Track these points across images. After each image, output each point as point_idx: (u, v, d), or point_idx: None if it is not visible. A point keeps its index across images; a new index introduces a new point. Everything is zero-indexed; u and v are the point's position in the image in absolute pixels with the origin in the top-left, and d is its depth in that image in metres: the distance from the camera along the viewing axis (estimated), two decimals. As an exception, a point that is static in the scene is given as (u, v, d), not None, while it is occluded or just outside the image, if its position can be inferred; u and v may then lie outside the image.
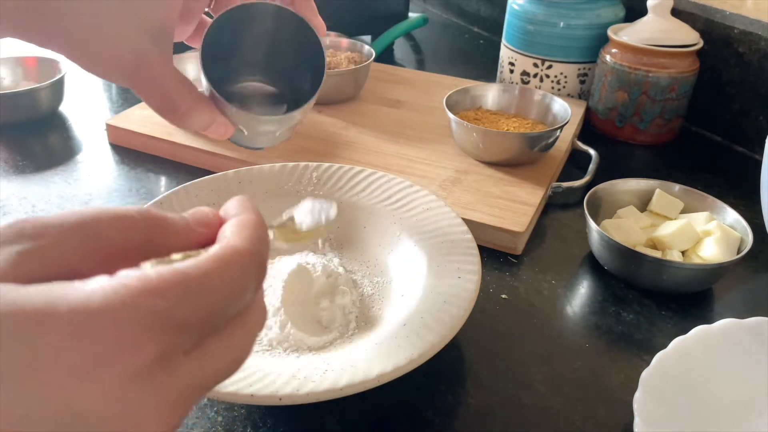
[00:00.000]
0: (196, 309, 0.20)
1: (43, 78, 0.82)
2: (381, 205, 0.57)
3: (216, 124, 0.39)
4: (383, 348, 0.42)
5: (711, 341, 0.45)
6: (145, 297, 0.18)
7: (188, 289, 0.19)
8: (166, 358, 0.19)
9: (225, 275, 0.21)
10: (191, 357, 0.20)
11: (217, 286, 0.20)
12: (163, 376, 0.19)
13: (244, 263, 0.21)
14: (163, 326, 0.19)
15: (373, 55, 0.85)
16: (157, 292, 0.19)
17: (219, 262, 0.21)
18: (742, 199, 0.68)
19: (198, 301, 0.20)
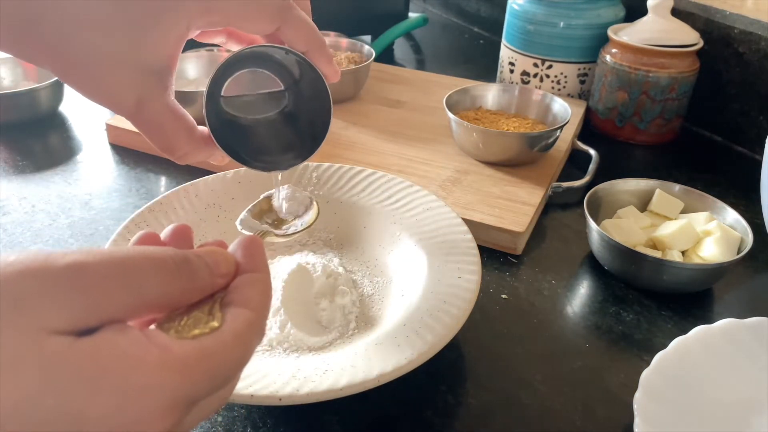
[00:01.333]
0: (212, 386, 0.23)
1: (43, 78, 0.82)
2: (381, 205, 0.57)
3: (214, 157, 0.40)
4: (383, 348, 0.42)
5: (711, 341, 0.45)
6: (179, 378, 0.21)
7: (209, 370, 0.22)
8: (176, 425, 0.22)
9: (239, 349, 0.24)
10: (190, 414, 0.23)
11: (232, 362, 0.23)
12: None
13: (254, 333, 0.24)
14: (187, 403, 0.22)
15: (373, 55, 0.85)
16: (188, 373, 0.21)
17: (236, 338, 0.23)
18: (742, 199, 0.68)
19: (215, 379, 0.23)
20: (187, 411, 0.22)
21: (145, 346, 0.21)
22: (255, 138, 0.42)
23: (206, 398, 0.23)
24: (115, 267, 0.22)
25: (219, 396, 0.24)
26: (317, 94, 0.40)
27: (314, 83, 0.39)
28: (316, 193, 0.59)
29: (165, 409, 0.21)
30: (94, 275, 0.21)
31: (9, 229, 0.61)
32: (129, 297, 0.22)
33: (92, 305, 0.21)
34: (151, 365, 0.21)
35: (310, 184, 0.59)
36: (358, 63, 0.84)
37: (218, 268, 0.26)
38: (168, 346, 0.21)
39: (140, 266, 0.22)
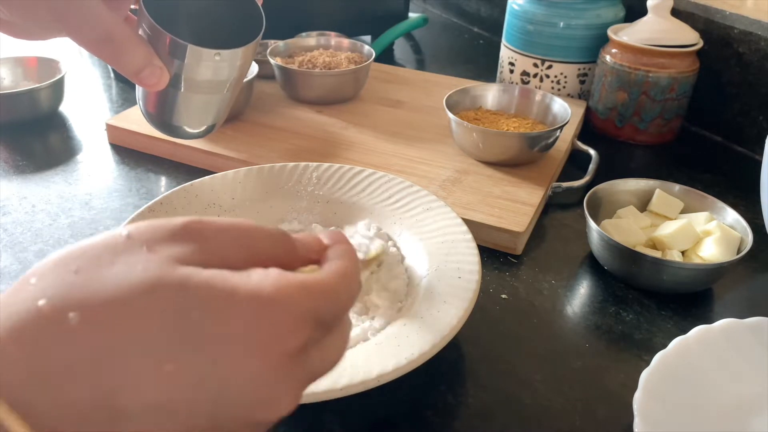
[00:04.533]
0: (330, 310, 0.24)
1: (43, 78, 0.82)
2: (381, 205, 0.57)
3: (151, 67, 0.38)
4: (383, 348, 0.42)
5: (711, 341, 0.45)
6: (301, 293, 0.23)
7: (325, 293, 0.24)
8: (306, 346, 0.23)
9: (346, 286, 0.26)
10: (315, 349, 0.24)
11: (342, 294, 0.25)
12: (302, 361, 0.23)
13: (353, 279, 0.27)
14: (311, 319, 0.23)
15: (373, 55, 0.85)
16: (308, 291, 0.23)
17: (342, 276, 0.26)
18: (742, 199, 0.68)
19: (331, 304, 0.25)
20: (315, 331, 0.24)
21: (265, 272, 0.23)
22: (189, 32, 0.43)
23: (327, 335, 0.25)
24: (230, 225, 0.25)
25: (337, 342, 0.26)
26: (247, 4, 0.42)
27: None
28: (316, 193, 0.59)
29: (295, 321, 0.22)
30: (210, 228, 0.24)
31: (9, 229, 0.61)
32: (242, 250, 0.24)
33: (210, 250, 0.23)
34: (274, 283, 0.23)
35: (310, 184, 0.59)
36: (358, 63, 0.84)
37: (313, 245, 0.28)
38: (285, 274, 0.23)
39: (251, 229, 0.25)
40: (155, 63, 0.39)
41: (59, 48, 0.94)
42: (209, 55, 0.40)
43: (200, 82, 0.41)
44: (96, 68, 1.00)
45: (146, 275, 0.21)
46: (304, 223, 0.58)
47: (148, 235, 0.23)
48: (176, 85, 0.41)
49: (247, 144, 0.72)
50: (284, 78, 0.82)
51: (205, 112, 0.44)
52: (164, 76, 0.39)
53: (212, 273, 0.22)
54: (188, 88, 0.41)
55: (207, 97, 0.43)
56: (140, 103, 0.45)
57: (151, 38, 0.39)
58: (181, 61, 0.39)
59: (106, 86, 0.94)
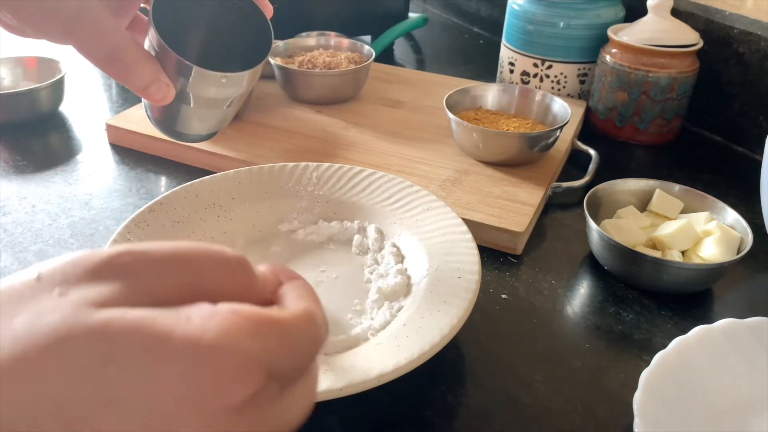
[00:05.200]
0: (289, 359, 0.21)
1: (43, 78, 0.82)
2: (381, 205, 0.57)
3: (158, 83, 0.38)
4: (383, 348, 0.42)
5: (711, 341, 0.45)
6: (252, 336, 0.19)
7: (284, 337, 0.20)
8: (258, 399, 0.20)
9: (310, 331, 0.22)
10: (275, 403, 0.21)
11: (305, 341, 0.22)
12: (255, 416, 0.20)
13: (319, 322, 0.23)
14: (262, 368, 0.19)
15: (373, 55, 0.85)
16: (262, 333, 0.20)
17: (305, 318, 0.22)
18: (742, 199, 0.68)
19: (290, 352, 0.21)
20: (269, 382, 0.20)
21: (212, 310, 0.20)
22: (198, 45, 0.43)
23: (289, 382, 0.22)
24: (169, 254, 0.21)
25: (303, 389, 0.23)
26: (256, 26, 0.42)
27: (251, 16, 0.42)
28: (316, 193, 0.59)
29: (240, 370, 0.19)
30: (142, 260, 0.20)
31: (9, 229, 0.61)
32: (183, 285, 0.21)
33: (141, 287, 0.20)
34: (220, 325, 0.19)
35: (310, 184, 0.59)
36: (358, 63, 0.84)
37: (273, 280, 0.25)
38: (237, 310, 0.20)
39: (198, 256, 0.21)
40: (162, 80, 0.39)
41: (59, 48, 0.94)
42: (215, 78, 0.40)
43: (205, 99, 0.42)
44: (96, 68, 0.99)
45: (56, 326, 0.18)
46: (304, 222, 0.58)
47: (62, 275, 0.19)
48: (181, 98, 0.41)
49: (247, 144, 0.72)
50: (284, 78, 0.82)
51: (208, 122, 0.45)
52: (170, 92, 0.40)
53: (140, 315, 0.18)
54: (192, 102, 0.42)
55: (211, 111, 0.43)
56: (145, 107, 0.45)
57: (158, 54, 0.39)
58: (186, 80, 0.40)
59: (106, 86, 0.94)
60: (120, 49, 0.36)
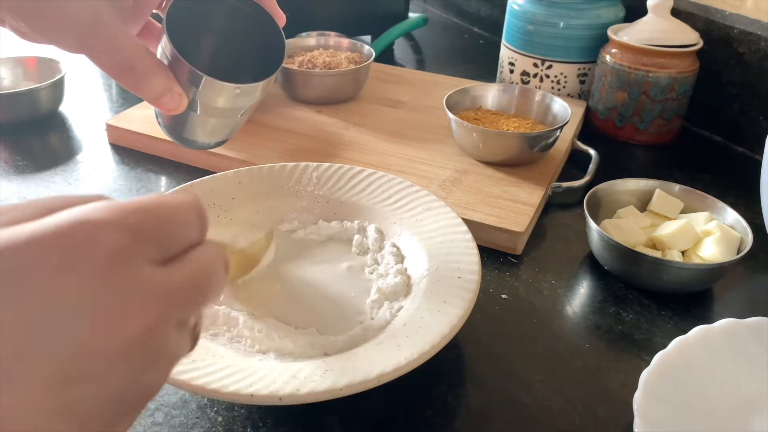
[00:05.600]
0: (148, 223, 0.22)
1: (43, 78, 0.82)
2: (381, 205, 0.57)
3: (171, 93, 0.39)
4: (383, 348, 0.42)
5: (711, 341, 0.45)
6: (100, 210, 0.21)
7: (137, 208, 0.22)
8: (127, 255, 0.20)
9: (167, 206, 0.23)
10: (157, 268, 0.21)
11: (163, 211, 0.23)
12: (128, 271, 0.20)
13: (182, 203, 0.24)
14: (117, 227, 0.20)
15: (373, 55, 0.85)
16: (108, 208, 0.21)
17: (159, 198, 0.23)
18: (742, 199, 0.68)
19: (148, 217, 0.22)
20: (139, 244, 0.21)
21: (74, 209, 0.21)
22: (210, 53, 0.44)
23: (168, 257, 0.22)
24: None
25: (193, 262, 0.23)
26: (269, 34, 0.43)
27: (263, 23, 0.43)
28: (316, 193, 0.59)
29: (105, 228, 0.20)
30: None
31: (9, 229, 0.61)
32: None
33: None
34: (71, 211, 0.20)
35: (310, 184, 0.59)
36: (358, 63, 0.84)
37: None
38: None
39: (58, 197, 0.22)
40: (175, 89, 0.39)
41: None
42: (229, 89, 0.40)
43: (218, 108, 0.42)
44: (96, 68, 0.99)
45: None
46: (305, 222, 0.58)
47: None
48: (193, 107, 0.41)
49: (247, 144, 0.72)
50: (284, 78, 0.82)
51: (219, 131, 0.45)
52: (183, 102, 0.40)
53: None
54: (205, 111, 0.41)
55: (222, 120, 0.43)
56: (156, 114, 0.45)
57: (171, 63, 0.39)
58: (199, 90, 0.40)
59: (106, 86, 0.94)
60: (133, 59, 0.36)
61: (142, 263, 0.21)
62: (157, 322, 0.21)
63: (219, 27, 0.44)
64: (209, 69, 0.39)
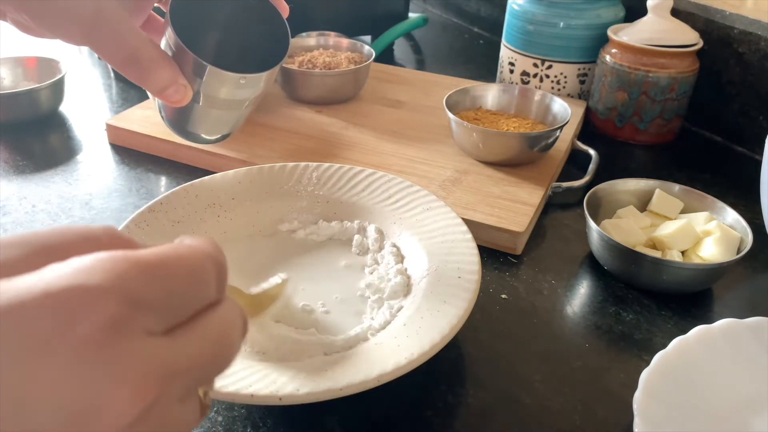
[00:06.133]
0: (152, 288, 0.19)
1: (43, 78, 0.82)
2: (381, 205, 0.57)
3: (176, 86, 0.38)
4: (383, 348, 0.42)
5: (711, 341, 0.45)
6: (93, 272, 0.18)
7: (143, 268, 0.19)
8: (122, 327, 0.18)
9: (181, 262, 0.20)
10: (159, 339, 0.19)
11: (174, 270, 0.20)
12: (122, 346, 0.18)
13: (199, 256, 0.21)
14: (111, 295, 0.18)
15: (373, 55, 0.85)
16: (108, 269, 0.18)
17: (174, 251, 0.20)
18: (742, 199, 0.68)
19: (153, 280, 0.19)
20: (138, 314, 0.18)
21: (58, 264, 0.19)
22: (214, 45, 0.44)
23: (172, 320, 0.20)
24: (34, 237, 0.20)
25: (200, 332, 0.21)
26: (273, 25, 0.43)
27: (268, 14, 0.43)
28: (316, 193, 0.59)
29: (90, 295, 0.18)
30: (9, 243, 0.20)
31: (9, 229, 0.61)
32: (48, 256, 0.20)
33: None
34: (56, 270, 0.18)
35: (310, 184, 0.59)
36: (358, 63, 0.84)
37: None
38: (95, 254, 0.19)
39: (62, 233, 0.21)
40: (180, 81, 0.39)
41: (59, 48, 0.94)
42: (234, 79, 0.40)
43: (222, 100, 0.41)
44: (96, 68, 1.00)
45: None
46: (305, 222, 0.58)
47: None
48: (198, 99, 0.41)
49: (247, 144, 0.72)
50: (284, 78, 0.82)
51: (223, 124, 0.45)
52: (188, 94, 0.40)
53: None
54: (209, 103, 0.41)
55: (226, 113, 0.43)
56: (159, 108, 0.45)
57: (175, 54, 0.39)
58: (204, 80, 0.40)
59: (106, 86, 0.94)
60: (138, 51, 0.36)
61: (141, 336, 0.19)
62: (154, 403, 0.18)
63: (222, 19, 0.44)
64: (214, 60, 0.39)
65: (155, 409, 0.19)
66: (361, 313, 0.48)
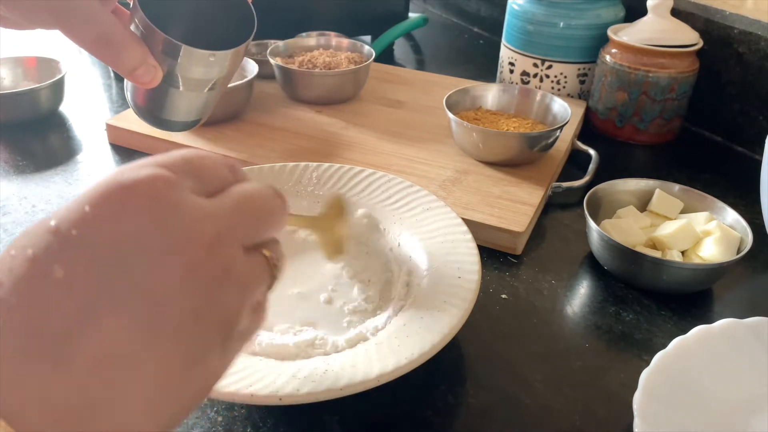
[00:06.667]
0: (184, 167, 0.25)
1: (43, 78, 0.82)
2: (381, 205, 0.57)
3: (146, 66, 0.39)
4: (383, 348, 0.42)
5: (711, 341, 0.45)
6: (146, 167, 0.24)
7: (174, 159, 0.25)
8: (169, 185, 0.23)
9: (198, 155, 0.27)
10: (203, 198, 0.24)
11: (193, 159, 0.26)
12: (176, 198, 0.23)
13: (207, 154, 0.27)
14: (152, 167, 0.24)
15: (373, 55, 0.85)
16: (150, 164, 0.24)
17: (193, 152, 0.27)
18: (742, 199, 0.68)
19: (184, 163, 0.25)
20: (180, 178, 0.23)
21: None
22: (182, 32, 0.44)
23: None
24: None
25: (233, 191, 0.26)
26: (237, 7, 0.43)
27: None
28: (316, 193, 0.59)
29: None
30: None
31: (9, 229, 0.61)
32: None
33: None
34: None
35: (310, 184, 0.59)
36: (358, 63, 0.84)
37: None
38: None
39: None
40: (150, 62, 0.40)
41: (59, 48, 0.94)
42: (203, 56, 0.41)
43: (191, 80, 0.42)
44: (96, 68, 1.00)
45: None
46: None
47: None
48: (167, 81, 0.42)
49: (247, 144, 0.72)
50: (284, 78, 0.82)
51: (193, 107, 0.45)
52: (158, 75, 0.40)
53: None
54: (179, 85, 0.42)
55: (196, 94, 0.44)
56: (129, 96, 0.46)
57: (144, 35, 0.39)
58: (174, 60, 0.40)
59: (106, 86, 0.94)
60: (108, 32, 0.37)
61: (186, 192, 0.23)
62: (215, 241, 0.23)
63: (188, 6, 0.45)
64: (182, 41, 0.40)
65: (217, 249, 0.23)
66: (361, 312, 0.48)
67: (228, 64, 0.43)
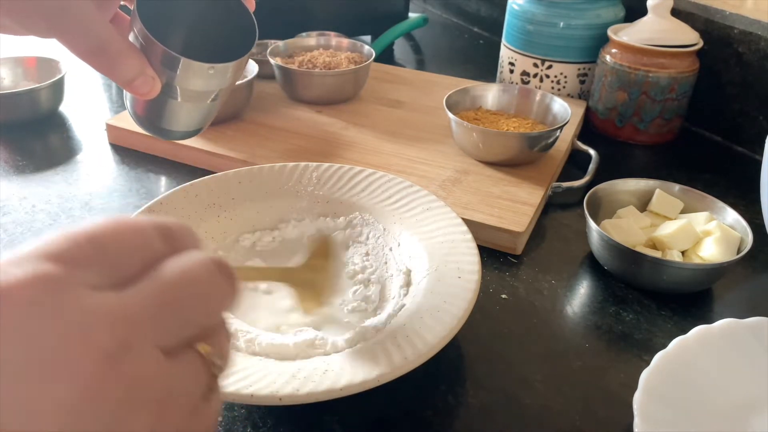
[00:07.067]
0: (82, 250, 0.20)
1: (43, 78, 0.82)
2: (381, 205, 0.57)
3: (144, 77, 0.38)
4: (383, 348, 0.42)
5: (711, 341, 0.45)
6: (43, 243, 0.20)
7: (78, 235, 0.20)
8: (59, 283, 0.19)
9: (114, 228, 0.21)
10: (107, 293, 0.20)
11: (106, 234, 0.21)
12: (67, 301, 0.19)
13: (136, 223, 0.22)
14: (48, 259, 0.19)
15: (373, 55, 0.85)
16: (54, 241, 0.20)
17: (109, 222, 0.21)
18: (742, 199, 0.68)
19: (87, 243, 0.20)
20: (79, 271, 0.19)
21: None
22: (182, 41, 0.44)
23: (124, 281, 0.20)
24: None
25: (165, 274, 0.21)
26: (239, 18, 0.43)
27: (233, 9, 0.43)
28: (316, 193, 0.59)
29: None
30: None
31: (9, 229, 0.61)
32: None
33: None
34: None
35: (310, 184, 0.59)
36: (358, 63, 0.84)
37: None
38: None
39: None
40: (148, 73, 0.38)
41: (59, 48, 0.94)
42: (202, 68, 0.40)
43: (191, 91, 0.42)
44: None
45: None
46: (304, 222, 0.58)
47: None
48: (166, 92, 0.41)
49: (247, 144, 0.72)
50: (284, 78, 0.82)
51: (193, 118, 0.45)
52: (156, 86, 0.39)
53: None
54: (177, 96, 0.41)
55: (196, 105, 0.43)
56: (128, 104, 0.45)
57: (143, 46, 0.39)
58: (173, 72, 0.40)
59: (106, 86, 0.94)
60: (105, 42, 0.36)
61: (80, 290, 0.19)
62: (117, 350, 0.18)
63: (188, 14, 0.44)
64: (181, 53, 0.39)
65: (122, 356, 0.18)
66: (361, 312, 0.48)
67: (228, 76, 0.42)
